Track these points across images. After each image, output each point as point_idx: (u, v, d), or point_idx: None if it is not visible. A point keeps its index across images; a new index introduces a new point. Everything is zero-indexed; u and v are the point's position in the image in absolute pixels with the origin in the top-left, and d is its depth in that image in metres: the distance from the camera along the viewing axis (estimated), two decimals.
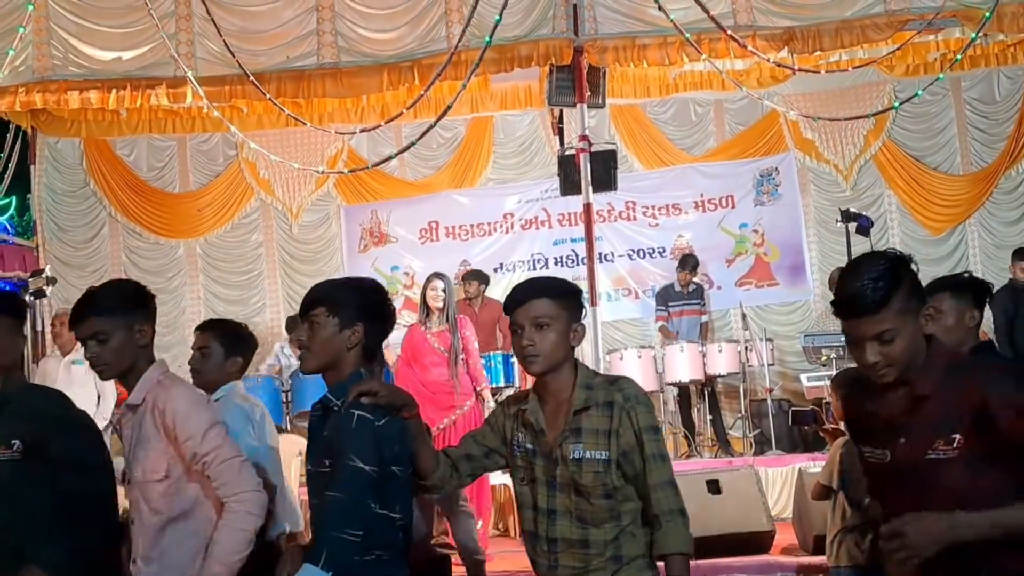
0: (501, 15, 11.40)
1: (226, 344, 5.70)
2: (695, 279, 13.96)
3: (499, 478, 10.73)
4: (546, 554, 3.95)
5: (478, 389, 10.03)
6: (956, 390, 3.40)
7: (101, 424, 11.08)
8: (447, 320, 9.97)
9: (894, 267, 3.37)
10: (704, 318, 14.04)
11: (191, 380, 5.70)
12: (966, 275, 5.35)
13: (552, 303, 3.95)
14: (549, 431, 3.94)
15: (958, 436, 3.34)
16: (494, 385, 11.51)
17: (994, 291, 12.56)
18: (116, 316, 4.36)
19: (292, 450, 8.13)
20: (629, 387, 3.98)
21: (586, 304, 13.84)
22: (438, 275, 10.17)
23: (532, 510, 3.99)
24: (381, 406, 3.79)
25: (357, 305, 3.99)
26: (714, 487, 9.15)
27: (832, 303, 3.48)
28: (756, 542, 9.05)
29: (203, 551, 4.17)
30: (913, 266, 3.46)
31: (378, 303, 4.09)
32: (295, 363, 13.52)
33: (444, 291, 9.95)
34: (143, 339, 4.42)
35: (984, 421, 3.32)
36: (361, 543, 3.69)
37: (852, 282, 3.36)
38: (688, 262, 13.94)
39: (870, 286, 3.31)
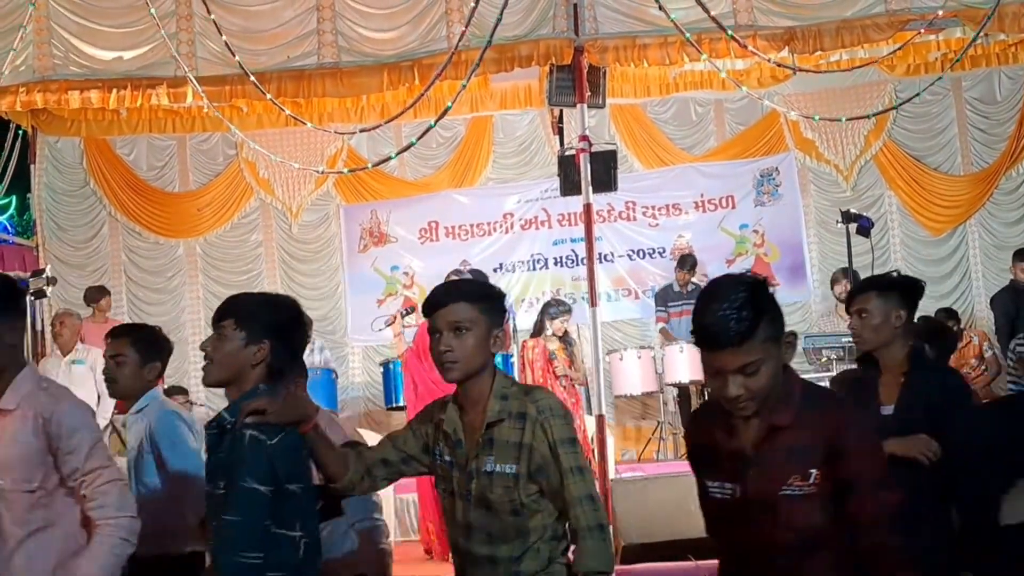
0: (501, 15, 11.38)
1: (141, 350, 5.38)
2: (694, 279, 13.94)
3: None
4: (466, 568, 3.91)
5: None
6: (813, 422, 3.28)
7: (101, 423, 11.10)
8: None
9: (755, 294, 3.19)
10: None
11: (107, 390, 5.51)
12: (894, 274, 5.36)
13: (471, 307, 3.83)
14: (467, 443, 3.86)
15: (815, 472, 3.24)
16: None
17: (995, 292, 12.60)
18: None
19: None
20: (544, 398, 3.87)
21: (582, 303, 13.89)
22: (457, 273, 10.22)
23: (453, 522, 3.92)
24: (272, 424, 3.69)
25: (267, 322, 3.87)
26: None
27: (692, 332, 3.30)
28: None
29: (59, 567, 4.03)
30: (771, 288, 3.29)
31: (290, 322, 3.97)
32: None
33: None
34: (12, 339, 4.13)
35: (833, 456, 3.22)
36: (262, 565, 3.62)
37: (713, 312, 3.16)
38: (687, 262, 13.93)
39: (734, 316, 3.11)
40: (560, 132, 14.49)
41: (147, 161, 15.90)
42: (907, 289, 5.18)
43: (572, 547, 3.84)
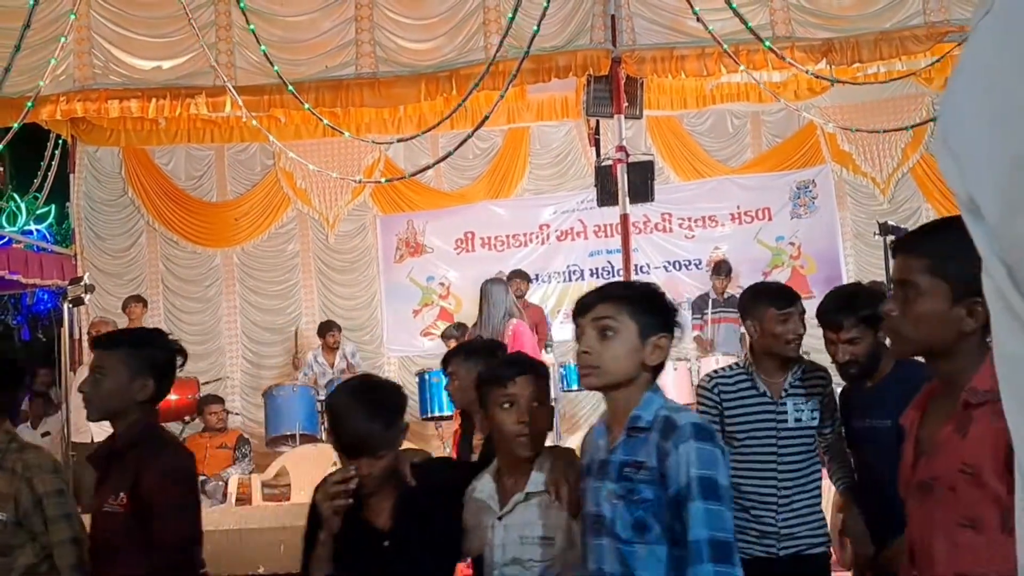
0: (539, 26, 11.42)
1: None
2: (731, 288, 13.90)
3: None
4: None
5: None
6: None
7: None
8: None
9: None
10: (743, 328, 13.96)
11: None
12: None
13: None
14: None
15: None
16: None
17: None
18: None
19: (327, 461, 8.17)
20: (32, 457, 4.49)
21: None
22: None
23: None
24: None
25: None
26: None
27: None
28: None
29: None
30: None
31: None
32: (328, 371, 13.60)
33: None
34: None
35: None
36: None
37: None
38: (722, 268, 13.90)
39: None
40: (596, 143, 14.49)
41: (185, 171, 16.00)
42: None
43: None
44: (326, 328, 14.06)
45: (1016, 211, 0.91)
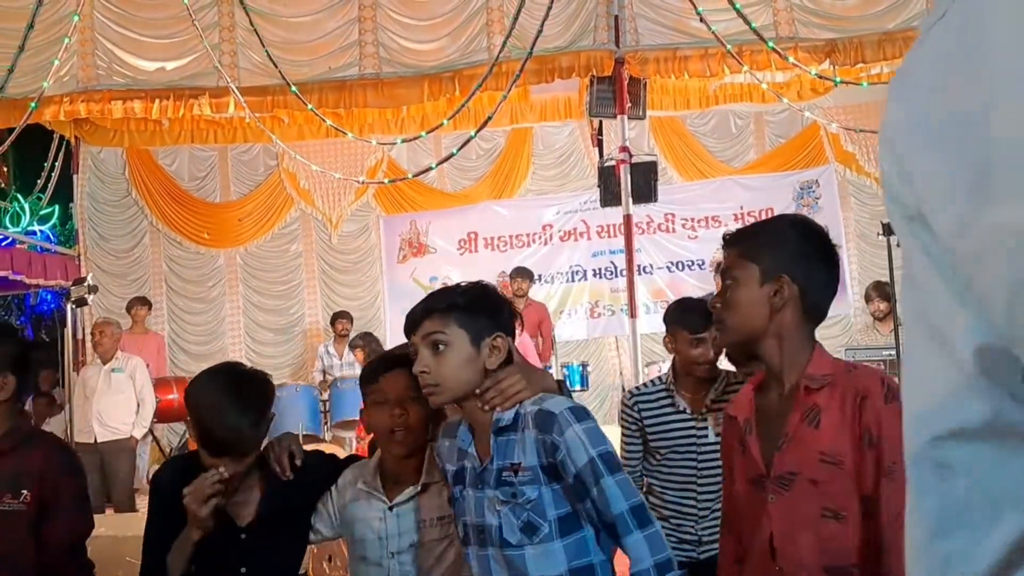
0: (542, 26, 11.41)
1: None
2: None
3: None
4: None
5: None
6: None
7: (140, 432, 11.16)
8: None
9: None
10: None
11: None
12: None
13: None
14: None
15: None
16: None
17: None
18: None
19: None
20: None
21: (621, 315, 13.86)
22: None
23: None
24: None
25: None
26: None
27: None
28: None
29: None
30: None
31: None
32: (337, 362, 13.61)
33: None
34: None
35: None
36: None
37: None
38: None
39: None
40: (599, 144, 14.47)
41: (188, 171, 16.01)
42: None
43: None
44: (337, 317, 14.15)
45: (985, 203, 0.90)
